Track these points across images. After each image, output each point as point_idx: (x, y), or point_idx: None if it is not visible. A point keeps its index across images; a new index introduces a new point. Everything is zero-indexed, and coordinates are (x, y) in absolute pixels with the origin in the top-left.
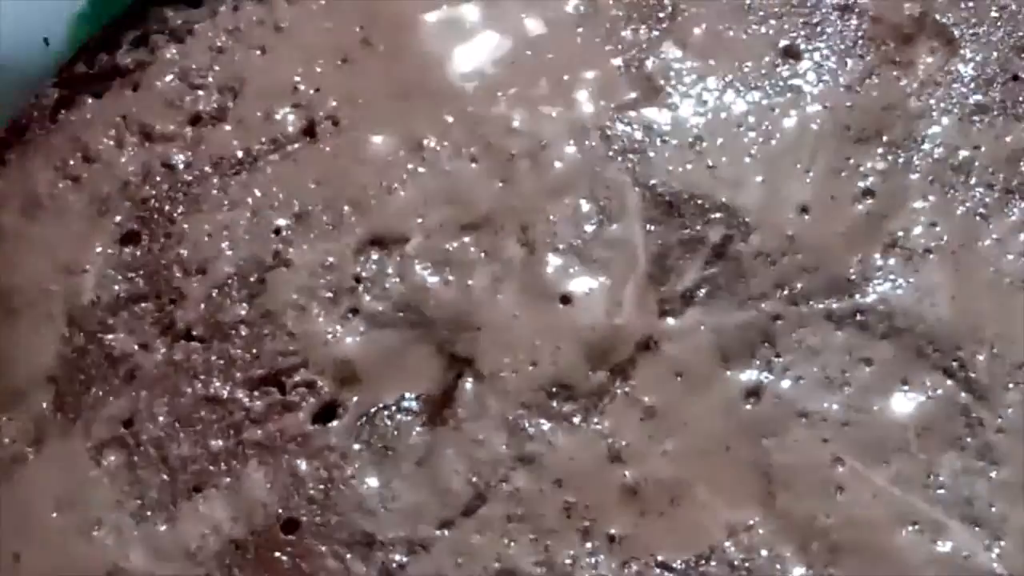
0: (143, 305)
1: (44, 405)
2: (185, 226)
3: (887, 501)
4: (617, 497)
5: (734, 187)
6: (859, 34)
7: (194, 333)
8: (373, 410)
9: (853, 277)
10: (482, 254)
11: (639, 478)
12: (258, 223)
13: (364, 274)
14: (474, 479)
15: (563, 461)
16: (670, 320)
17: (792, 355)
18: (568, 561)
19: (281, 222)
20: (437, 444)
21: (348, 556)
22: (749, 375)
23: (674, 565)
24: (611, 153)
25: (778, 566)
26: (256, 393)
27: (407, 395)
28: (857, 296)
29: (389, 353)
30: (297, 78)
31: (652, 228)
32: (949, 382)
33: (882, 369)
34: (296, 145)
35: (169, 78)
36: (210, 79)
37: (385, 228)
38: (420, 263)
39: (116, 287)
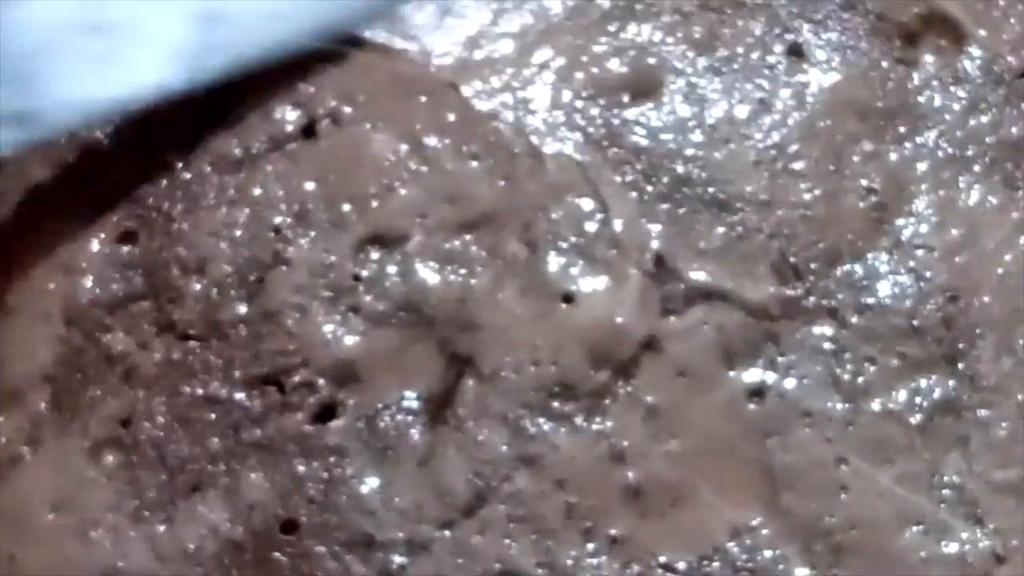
0: (141, 304)
1: (41, 404)
2: (184, 225)
3: (891, 501)
4: (619, 498)
5: (736, 185)
6: (864, 31)
7: (192, 332)
8: (373, 410)
9: (856, 275)
10: (483, 253)
11: (641, 478)
12: (257, 222)
13: (364, 273)
14: (475, 479)
15: (565, 461)
16: (673, 319)
17: (796, 354)
18: (570, 562)
19: (280, 221)
20: (437, 444)
21: (348, 557)
22: (752, 375)
23: (676, 566)
24: (613, 150)
25: (781, 567)
26: (255, 393)
27: (407, 395)
28: (860, 294)
29: (389, 352)
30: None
31: (654, 227)
32: (953, 382)
33: (885, 368)
34: (295, 144)
35: None
36: None
37: (385, 227)
38: (421, 262)
39: (114, 286)
